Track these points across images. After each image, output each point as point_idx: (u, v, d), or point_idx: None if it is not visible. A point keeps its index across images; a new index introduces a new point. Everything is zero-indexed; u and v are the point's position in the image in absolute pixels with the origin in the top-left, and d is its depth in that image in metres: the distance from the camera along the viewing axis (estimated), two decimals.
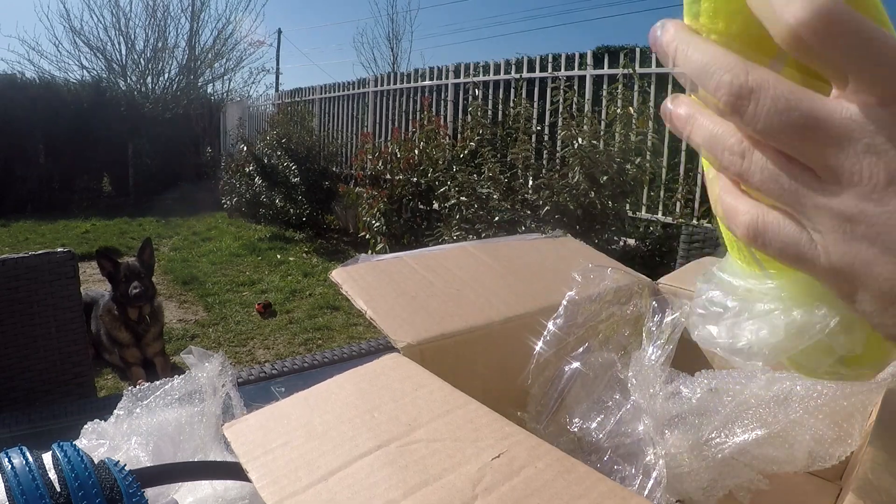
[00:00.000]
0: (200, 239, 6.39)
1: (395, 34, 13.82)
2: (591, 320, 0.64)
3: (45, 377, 1.35)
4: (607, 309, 0.65)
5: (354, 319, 3.81)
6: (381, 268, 0.70)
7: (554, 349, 0.62)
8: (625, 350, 0.61)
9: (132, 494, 0.38)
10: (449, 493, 0.35)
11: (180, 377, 0.60)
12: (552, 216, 3.50)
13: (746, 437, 0.45)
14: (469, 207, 4.00)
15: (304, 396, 0.46)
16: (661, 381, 0.50)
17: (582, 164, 3.44)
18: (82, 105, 9.12)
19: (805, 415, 0.44)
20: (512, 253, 0.82)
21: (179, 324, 3.81)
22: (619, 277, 0.67)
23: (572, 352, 0.61)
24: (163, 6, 11.20)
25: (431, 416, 0.42)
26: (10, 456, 0.38)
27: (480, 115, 4.79)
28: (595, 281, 0.66)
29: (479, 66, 5.44)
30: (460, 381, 0.48)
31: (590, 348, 0.62)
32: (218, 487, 0.51)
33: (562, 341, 0.62)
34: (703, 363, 0.75)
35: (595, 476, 0.36)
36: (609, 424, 0.51)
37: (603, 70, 4.39)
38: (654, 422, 0.48)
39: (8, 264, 1.30)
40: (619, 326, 0.64)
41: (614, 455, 0.50)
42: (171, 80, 11.27)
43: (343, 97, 7.29)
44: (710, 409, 0.47)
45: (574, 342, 0.62)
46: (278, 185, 6.50)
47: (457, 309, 0.64)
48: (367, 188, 5.18)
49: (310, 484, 0.36)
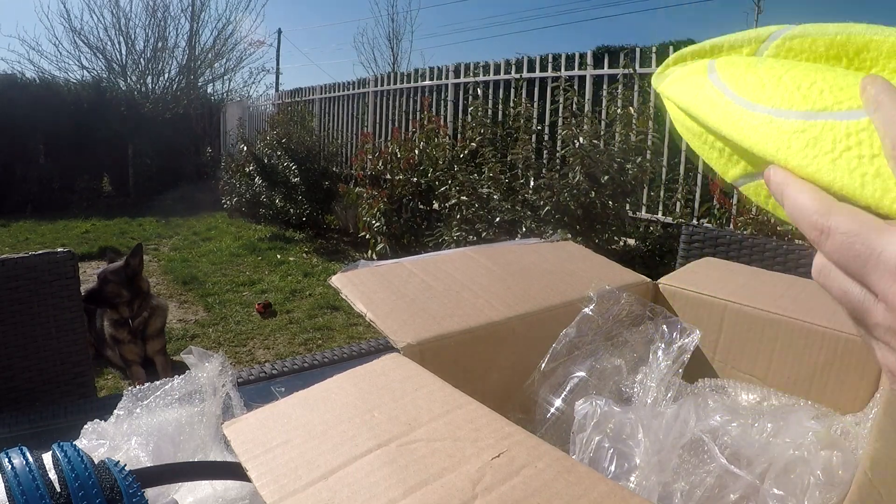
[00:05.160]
0: (200, 239, 6.39)
1: (395, 34, 13.82)
2: (601, 336, 0.65)
3: (45, 377, 1.35)
4: (618, 328, 0.66)
5: (354, 319, 3.81)
6: (381, 272, 0.70)
7: (562, 360, 0.62)
8: (632, 368, 0.61)
9: (132, 494, 0.38)
10: (449, 493, 0.35)
11: (180, 377, 0.60)
12: (553, 216, 3.50)
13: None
14: (469, 207, 3.99)
15: (303, 396, 0.46)
16: (665, 399, 0.50)
17: (583, 164, 3.44)
18: (82, 105, 9.11)
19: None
20: (511, 256, 0.82)
21: (179, 324, 3.81)
22: (632, 301, 0.68)
23: (580, 363, 0.61)
24: (163, 6, 11.21)
25: (431, 416, 0.42)
26: (10, 456, 0.38)
27: (481, 115, 4.79)
28: (609, 301, 0.67)
29: (479, 66, 5.44)
30: (460, 381, 0.48)
31: (597, 361, 0.62)
32: (218, 487, 0.51)
33: (571, 352, 0.63)
34: (706, 371, 0.75)
35: (595, 476, 0.36)
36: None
37: (603, 70, 4.39)
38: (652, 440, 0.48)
39: (8, 264, 1.30)
40: (629, 346, 0.64)
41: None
42: (171, 80, 11.27)
43: (343, 97, 7.28)
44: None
45: (582, 355, 0.62)
46: (278, 185, 6.50)
47: (456, 310, 0.64)
48: (367, 188, 5.17)
49: (310, 483, 0.36)
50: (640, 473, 0.47)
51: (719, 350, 0.75)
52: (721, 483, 0.47)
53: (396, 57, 13.68)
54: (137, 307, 2.78)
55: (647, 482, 0.46)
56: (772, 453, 0.46)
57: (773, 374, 0.70)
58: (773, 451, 0.46)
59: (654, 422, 0.49)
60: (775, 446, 0.47)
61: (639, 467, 0.47)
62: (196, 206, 7.80)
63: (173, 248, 5.95)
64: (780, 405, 0.62)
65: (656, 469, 0.46)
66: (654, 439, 0.48)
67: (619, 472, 0.48)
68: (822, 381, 0.67)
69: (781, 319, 0.70)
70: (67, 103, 8.98)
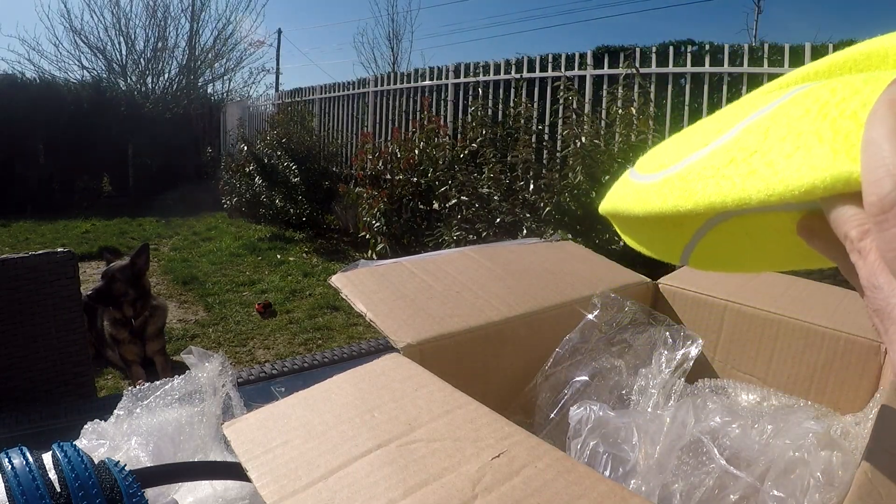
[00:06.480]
0: (200, 239, 6.39)
1: (395, 34, 13.82)
2: (603, 342, 0.65)
3: (45, 377, 1.35)
4: (621, 334, 0.66)
5: (354, 319, 3.81)
6: (381, 272, 0.70)
7: (564, 364, 0.62)
8: (634, 374, 0.61)
9: (132, 494, 0.38)
10: (449, 493, 0.35)
11: (180, 377, 0.60)
12: (553, 216, 3.50)
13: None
14: (469, 207, 3.99)
15: (303, 396, 0.46)
16: (666, 406, 0.50)
17: (583, 164, 3.44)
18: (82, 105, 9.11)
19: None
20: (511, 256, 0.82)
21: (179, 324, 3.81)
22: (635, 308, 0.68)
23: (582, 368, 0.62)
24: (163, 6, 11.23)
25: (431, 416, 0.42)
26: (10, 456, 0.38)
27: (482, 115, 4.79)
28: (613, 308, 0.67)
29: (479, 66, 5.44)
30: (460, 381, 0.48)
31: (599, 367, 0.62)
32: (218, 487, 0.51)
33: (573, 357, 0.63)
34: (706, 371, 0.75)
35: (595, 476, 0.36)
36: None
37: (603, 70, 4.39)
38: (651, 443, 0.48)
39: (8, 264, 1.30)
40: (632, 352, 0.64)
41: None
42: (171, 80, 11.29)
43: (343, 97, 7.28)
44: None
45: (584, 360, 0.63)
46: (278, 185, 6.50)
47: (456, 310, 0.64)
48: (367, 188, 5.17)
49: (310, 483, 0.36)
50: (638, 477, 0.47)
51: (719, 350, 0.75)
52: (720, 484, 0.47)
53: (396, 57, 13.69)
54: (140, 307, 2.78)
55: (645, 486, 0.46)
56: (771, 454, 0.46)
57: (773, 374, 0.70)
58: (772, 452, 0.46)
59: (651, 425, 0.49)
60: (775, 447, 0.47)
61: (636, 471, 0.47)
62: (196, 206, 7.80)
63: (173, 248, 5.95)
64: (779, 405, 0.62)
65: (654, 471, 0.46)
66: (651, 442, 0.48)
67: (615, 476, 0.48)
68: (822, 381, 0.67)
69: (781, 319, 0.70)
70: (67, 103, 8.98)
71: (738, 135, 0.26)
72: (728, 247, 0.32)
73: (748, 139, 0.25)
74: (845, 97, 0.22)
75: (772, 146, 0.24)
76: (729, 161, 0.26)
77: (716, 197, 0.25)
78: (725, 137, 0.27)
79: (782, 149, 0.23)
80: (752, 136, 0.25)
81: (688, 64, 3.90)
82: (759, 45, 3.91)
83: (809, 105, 0.23)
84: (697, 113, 3.88)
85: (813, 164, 0.22)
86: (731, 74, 3.79)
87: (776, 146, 0.24)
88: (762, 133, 0.25)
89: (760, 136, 0.25)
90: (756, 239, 0.30)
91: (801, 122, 0.23)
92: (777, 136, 0.24)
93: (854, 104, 0.22)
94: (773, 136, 0.24)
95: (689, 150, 0.29)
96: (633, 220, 0.35)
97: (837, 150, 0.21)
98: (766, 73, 3.65)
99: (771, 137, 0.24)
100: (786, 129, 0.24)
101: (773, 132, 0.24)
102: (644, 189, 0.32)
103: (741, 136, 0.26)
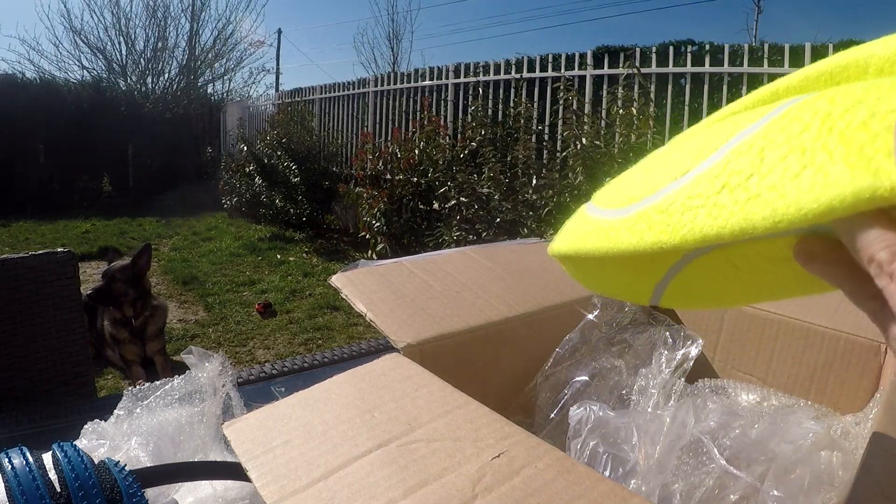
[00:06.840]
0: (200, 239, 6.39)
1: (395, 34, 13.79)
2: (603, 342, 0.65)
3: (45, 377, 1.35)
4: (620, 334, 0.66)
5: (354, 319, 3.80)
6: (381, 272, 0.70)
7: (564, 364, 0.62)
8: (634, 374, 0.61)
9: (132, 494, 0.38)
10: (449, 493, 0.35)
11: (180, 377, 0.60)
12: (553, 216, 3.50)
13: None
14: (469, 208, 4.00)
15: (303, 396, 0.46)
16: (666, 406, 0.50)
17: (584, 164, 3.44)
18: (82, 105, 9.11)
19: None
20: (511, 256, 0.82)
21: (179, 324, 3.81)
22: (635, 308, 0.68)
23: (582, 368, 0.62)
24: (163, 6, 11.22)
25: (431, 416, 0.42)
26: (10, 456, 0.38)
27: (482, 115, 4.79)
28: (612, 308, 0.67)
29: (479, 66, 5.44)
30: (460, 381, 0.48)
31: (599, 367, 0.62)
32: (218, 487, 0.51)
33: (573, 357, 0.63)
34: (706, 371, 0.75)
35: (595, 476, 0.36)
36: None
37: (603, 70, 4.39)
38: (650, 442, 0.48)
39: (8, 264, 1.30)
40: (632, 352, 0.64)
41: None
42: (171, 80, 11.29)
43: (343, 97, 7.28)
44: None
45: (585, 360, 0.63)
46: (278, 185, 6.50)
47: (456, 310, 0.64)
48: (367, 188, 5.17)
49: (310, 483, 0.36)
50: (638, 477, 0.47)
51: (719, 350, 0.75)
52: (720, 484, 0.47)
53: (396, 57, 13.68)
54: (140, 307, 2.78)
55: (645, 486, 0.46)
56: (771, 454, 0.46)
57: (773, 374, 0.70)
58: (772, 452, 0.46)
59: (651, 425, 0.49)
60: (775, 447, 0.47)
61: (636, 471, 0.47)
62: (196, 206, 7.80)
63: (173, 248, 5.95)
64: (780, 405, 0.62)
65: (654, 471, 0.46)
66: (651, 442, 0.48)
67: (615, 476, 0.48)
68: (822, 381, 0.67)
69: (781, 319, 0.70)
70: (67, 103, 8.97)
71: (725, 158, 0.24)
72: (706, 281, 0.30)
73: (740, 162, 0.24)
74: (848, 107, 0.21)
75: (772, 167, 0.22)
76: (720, 187, 0.24)
77: (710, 229, 0.23)
78: (708, 163, 0.25)
79: (786, 169, 0.21)
80: (744, 157, 0.24)
81: (688, 64, 3.90)
82: (760, 45, 3.91)
83: (808, 119, 0.22)
84: (697, 113, 3.88)
85: (827, 182, 0.20)
86: (731, 74, 3.79)
87: (778, 167, 0.22)
88: (756, 154, 0.23)
89: (755, 157, 0.23)
90: (742, 270, 0.28)
91: (803, 138, 0.22)
92: (776, 155, 0.22)
93: (862, 114, 0.20)
94: (772, 156, 0.22)
95: (664, 180, 0.27)
96: (594, 261, 0.32)
97: (854, 165, 0.19)
98: (766, 73, 3.65)
99: (768, 158, 0.23)
100: (786, 148, 0.22)
101: (771, 152, 0.23)
102: (611, 226, 0.29)
103: (729, 158, 0.24)
